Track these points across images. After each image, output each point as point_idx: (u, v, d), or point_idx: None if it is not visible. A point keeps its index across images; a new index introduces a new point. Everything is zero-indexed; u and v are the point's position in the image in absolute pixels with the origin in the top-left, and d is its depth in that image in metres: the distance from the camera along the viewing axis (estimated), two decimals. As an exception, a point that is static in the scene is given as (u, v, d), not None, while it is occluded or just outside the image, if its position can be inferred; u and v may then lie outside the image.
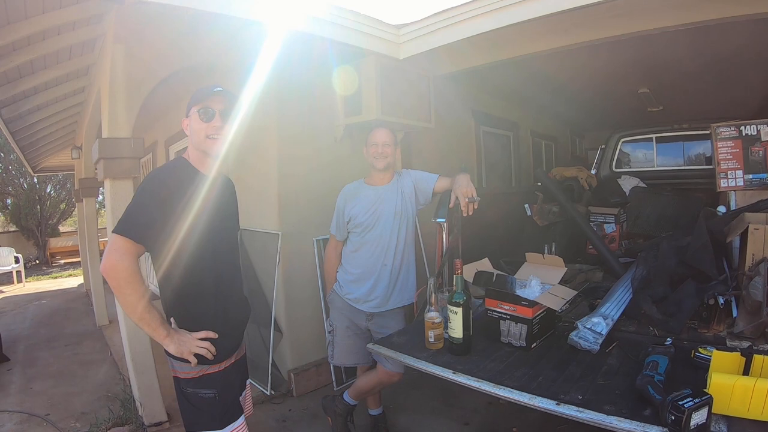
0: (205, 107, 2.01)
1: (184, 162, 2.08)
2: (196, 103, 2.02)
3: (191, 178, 2.01)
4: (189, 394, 2.04)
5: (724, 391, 1.68)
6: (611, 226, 4.63)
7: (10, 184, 16.05)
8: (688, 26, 3.22)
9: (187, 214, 1.92)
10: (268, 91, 3.94)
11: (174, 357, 1.98)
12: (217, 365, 2.06)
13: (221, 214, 2.13)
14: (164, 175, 2.01)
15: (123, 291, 1.85)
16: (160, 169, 2.09)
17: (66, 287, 11.36)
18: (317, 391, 4.30)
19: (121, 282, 1.83)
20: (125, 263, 1.82)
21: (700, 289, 2.58)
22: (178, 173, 2.02)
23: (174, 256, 1.92)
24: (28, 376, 5.25)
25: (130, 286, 1.84)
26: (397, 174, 3.24)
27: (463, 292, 2.36)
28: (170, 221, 1.89)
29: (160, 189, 1.92)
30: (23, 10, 3.25)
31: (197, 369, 2.00)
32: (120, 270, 1.82)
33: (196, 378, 2.02)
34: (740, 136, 3.54)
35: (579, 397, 1.91)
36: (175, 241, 1.90)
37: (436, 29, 3.73)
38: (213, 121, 2.01)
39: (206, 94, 2.01)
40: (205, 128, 2.01)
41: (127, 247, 1.84)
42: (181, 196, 1.93)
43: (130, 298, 1.86)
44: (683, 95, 6.30)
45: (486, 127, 6.81)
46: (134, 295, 1.85)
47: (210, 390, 2.03)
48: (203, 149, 2.05)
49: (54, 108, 5.80)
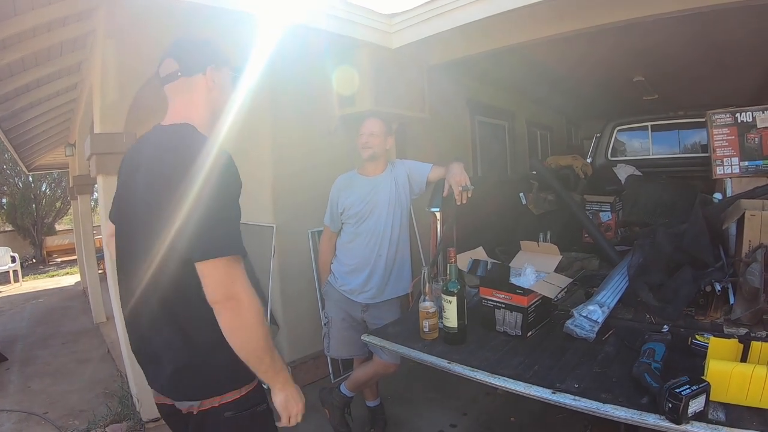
0: (239, 72, 1.78)
1: (198, 133, 1.57)
2: (232, 65, 1.74)
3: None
4: (237, 419, 1.58)
5: (722, 379, 1.67)
6: (607, 214, 4.61)
7: (5, 183, 16.02)
8: (684, 13, 3.21)
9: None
10: (262, 84, 3.92)
11: (228, 391, 1.56)
12: (254, 377, 1.63)
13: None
14: (221, 164, 1.46)
15: (258, 320, 1.46)
16: (218, 154, 1.46)
17: (63, 285, 11.37)
18: (315, 383, 4.29)
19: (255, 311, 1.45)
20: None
21: (696, 276, 2.56)
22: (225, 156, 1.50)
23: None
24: (26, 375, 5.25)
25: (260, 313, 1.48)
26: (391, 164, 3.22)
27: (457, 281, 2.34)
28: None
29: (237, 183, 1.50)
30: (12, 7, 3.21)
31: (245, 386, 1.60)
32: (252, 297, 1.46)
33: (244, 396, 1.59)
34: (736, 123, 3.52)
35: (575, 385, 1.90)
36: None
37: (428, 18, 3.71)
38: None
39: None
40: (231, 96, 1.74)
41: (240, 266, 1.46)
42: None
43: (263, 328, 1.48)
44: (678, 83, 6.29)
45: (481, 116, 6.80)
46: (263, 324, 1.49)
47: (262, 403, 1.66)
48: (219, 113, 1.71)
49: (46, 105, 5.75)
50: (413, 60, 4.44)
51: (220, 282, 1.38)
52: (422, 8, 3.71)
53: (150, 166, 1.51)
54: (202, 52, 1.65)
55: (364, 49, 3.98)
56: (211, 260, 1.37)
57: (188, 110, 1.62)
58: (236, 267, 1.41)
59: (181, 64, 1.61)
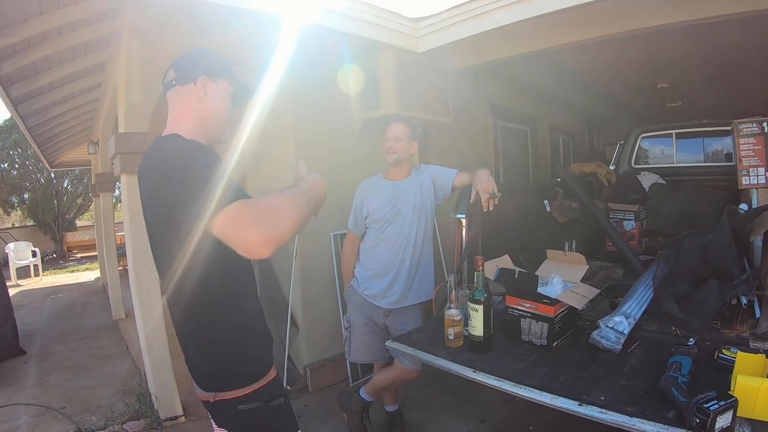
0: (245, 90, 1.76)
1: (180, 138, 1.58)
2: (233, 79, 1.73)
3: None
4: (251, 411, 1.63)
5: (749, 394, 1.65)
6: (631, 223, 4.56)
7: (28, 179, 16.21)
8: (712, 20, 3.15)
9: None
10: (285, 86, 3.89)
11: (245, 385, 1.61)
12: (273, 370, 1.73)
13: None
14: (202, 150, 1.51)
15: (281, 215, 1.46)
16: (186, 146, 1.52)
17: (82, 281, 11.49)
18: (333, 386, 4.29)
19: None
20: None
21: (722, 289, 2.52)
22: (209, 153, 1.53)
23: (212, 253, 1.49)
24: (44, 369, 5.31)
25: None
26: (416, 169, 3.21)
27: (484, 290, 2.32)
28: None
29: (212, 162, 1.44)
30: (38, 6, 3.25)
31: (256, 383, 1.64)
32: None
33: (257, 390, 1.64)
34: (763, 133, 3.48)
35: (602, 397, 1.88)
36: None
37: (455, 22, 3.69)
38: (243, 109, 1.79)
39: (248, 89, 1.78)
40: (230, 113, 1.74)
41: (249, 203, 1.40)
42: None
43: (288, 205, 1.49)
44: (703, 91, 6.19)
45: (503, 121, 6.76)
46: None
47: (279, 397, 1.70)
48: (218, 135, 1.73)
49: (70, 104, 5.83)
50: (438, 64, 4.41)
51: (234, 219, 1.33)
52: (449, 12, 3.69)
53: (142, 182, 1.61)
54: (198, 62, 1.68)
55: (390, 53, 3.96)
56: (215, 219, 1.32)
57: (178, 119, 1.66)
58: (244, 206, 1.35)
59: (177, 73, 1.66)
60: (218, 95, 1.69)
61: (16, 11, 3.23)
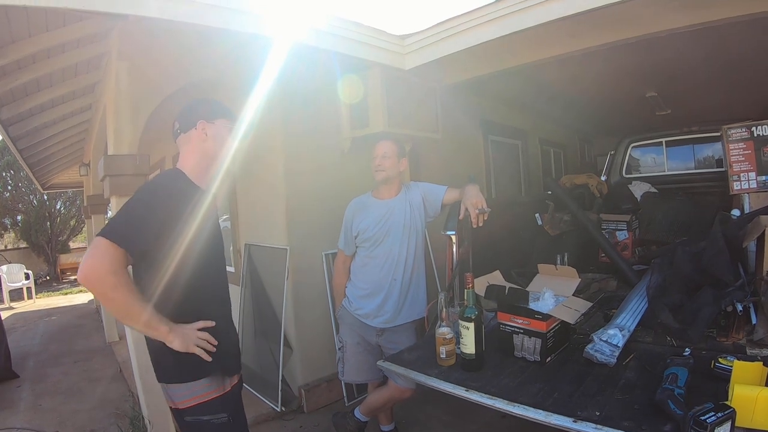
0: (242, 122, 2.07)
1: (183, 176, 1.93)
2: (229, 116, 2.03)
3: (192, 194, 1.87)
4: (196, 424, 1.85)
5: (747, 404, 1.65)
6: (623, 233, 4.55)
7: (21, 200, 16.16)
8: (695, 28, 3.18)
9: (189, 231, 1.79)
10: (274, 106, 3.93)
11: (173, 382, 1.84)
12: (221, 388, 1.90)
13: (217, 231, 2.08)
14: (167, 186, 1.88)
15: (114, 295, 1.67)
16: (160, 179, 1.98)
17: (76, 303, 11.39)
18: (328, 407, 4.25)
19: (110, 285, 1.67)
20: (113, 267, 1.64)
21: (717, 296, 2.52)
22: (181, 186, 1.88)
23: (176, 273, 1.77)
24: (37, 393, 5.25)
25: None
26: (405, 186, 3.20)
27: (474, 307, 2.31)
28: (172, 236, 1.74)
29: (166, 200, 1.77)
30: (26, 29, 3.25)
31: (202, 393, 1.84)
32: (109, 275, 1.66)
33: (202, 404, 1.84)
34: (752, 137, 3.49)
35: (596, 413, 1.86)
36: (175, 258, 1.76)
37: (440, 39, 3.71)
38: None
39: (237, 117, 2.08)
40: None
41: (114, 253, 1.64)
42: (184, 210, 1.80)
43: (122, 297, 1.68)
44: (691, 98, 6.25)
45: (494, 135, 6.78)
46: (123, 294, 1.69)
47: (222, 414, 1.87)
48: (214, 159, 2.01)
49: (61, 125, 5.81)
50: (426, 80, 4.43)
51: (91, 254, 1.63)
52: (434, 29, 3.71)
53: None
54: (195, 110, 1.98)
55: (377, 70, 3.97)
56: (99, 236, 1.65)
57: (185, 159, 1.98)
58: (110, 250, 1.63)
59: (180, 123, 1.98)
60: (218, 133, 1.97)
61: (4, 33, 3.22)
